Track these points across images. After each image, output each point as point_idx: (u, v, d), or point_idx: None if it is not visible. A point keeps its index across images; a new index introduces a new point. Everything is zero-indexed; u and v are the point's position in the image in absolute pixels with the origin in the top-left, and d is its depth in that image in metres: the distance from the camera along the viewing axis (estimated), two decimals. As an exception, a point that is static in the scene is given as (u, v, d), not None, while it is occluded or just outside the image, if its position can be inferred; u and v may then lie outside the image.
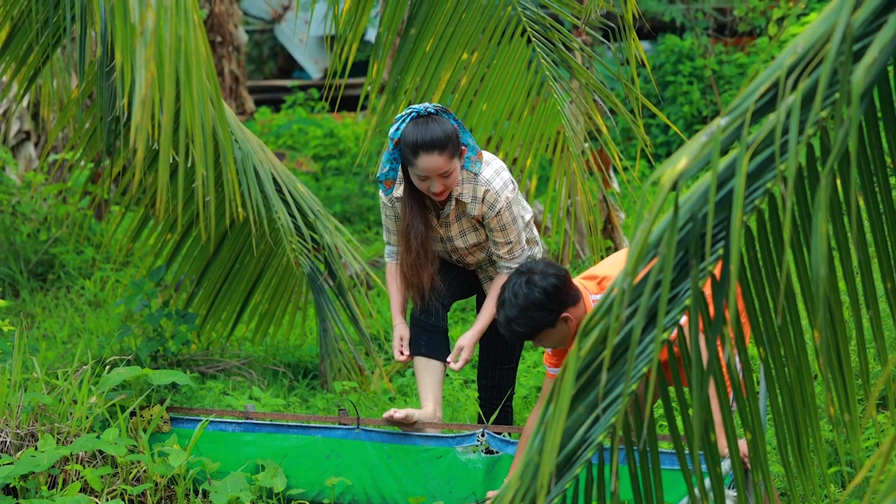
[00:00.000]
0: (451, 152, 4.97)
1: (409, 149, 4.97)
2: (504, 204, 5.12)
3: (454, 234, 5.24)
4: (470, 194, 5.13)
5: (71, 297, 8.54)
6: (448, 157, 4.96)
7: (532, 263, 4.55)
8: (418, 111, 5.02)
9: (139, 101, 3.27)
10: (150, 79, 3.30)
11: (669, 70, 11.65)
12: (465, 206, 5.16)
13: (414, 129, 4.97)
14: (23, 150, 10.06)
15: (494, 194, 5.11)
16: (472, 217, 5.19)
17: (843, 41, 2.31)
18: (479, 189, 5.12)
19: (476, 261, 5.41)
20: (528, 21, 6.27)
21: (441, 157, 4.95)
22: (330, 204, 10.81)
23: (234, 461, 5.33)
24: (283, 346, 7.42)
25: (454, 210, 5.19)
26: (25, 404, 5.31)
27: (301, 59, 17.49)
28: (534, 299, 4.46)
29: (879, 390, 2.38)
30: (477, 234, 5.25)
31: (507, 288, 4.51)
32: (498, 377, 5.51)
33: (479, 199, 5.12)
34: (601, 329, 2.48)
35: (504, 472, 5.12)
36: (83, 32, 5.60)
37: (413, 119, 5.01)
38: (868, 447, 5.18)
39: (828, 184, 2.29)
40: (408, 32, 6.33)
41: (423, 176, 5.01)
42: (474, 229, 5.24)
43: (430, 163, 4.95)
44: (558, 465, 2.59)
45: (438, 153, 4.94)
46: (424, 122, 4.98)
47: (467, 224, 5.23)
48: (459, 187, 5.13)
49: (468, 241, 5.27)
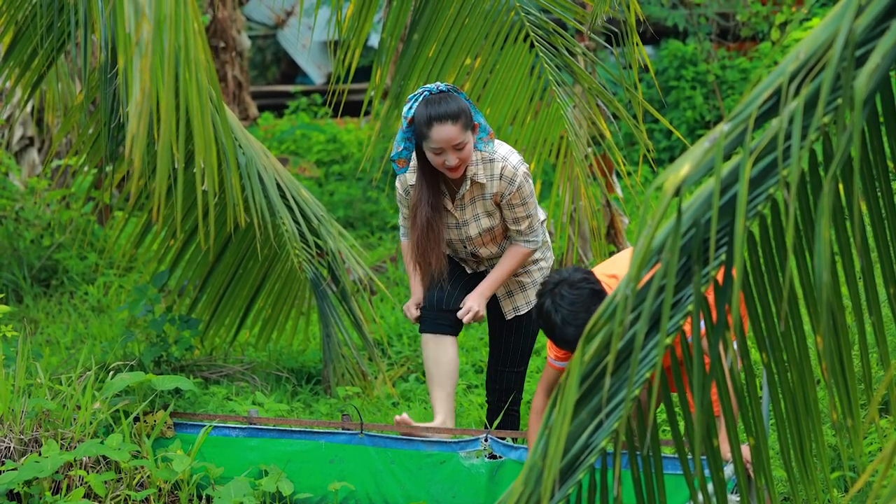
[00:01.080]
0: (464, 123, 5.05)
1: (423, 123, 5.05)
2: (522, 178, 5.20)
3: (469, 218, 5.29)
4: (486, 173, 5.19)
5: (74, 302, 8.55)
6: (461, 127, 5.04)
7: (558, 273, 4.51)
8: (430, 90, 5.11)
9: (135, 111, 3.28)
10: (145, 89, 3.30)
11: (672, 75, 11.65)
12: (483, 186, 5.22)
13: (427, 105, 5.06)
14: (26, 156, 10.06)
15: (513, 168, 5.18)
16: (490, 199, 5.24)
17: (846, 47, 2.31)
18: (497, 166, 5.19)
19: (489, 254, 5.44)
20: (532, 26, 6.28)
21: (454, 128, 5.02)
22: (333, 209, 10.81)
23: (237, 466, 5.33)
24: (287, 351, 7.42)
25: (469, 192, 5.24)
26: (29, 410, 5.32)
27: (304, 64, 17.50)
28: (586, 296, 4.40)
29: (882, 395, 2.38)
30: (490, 218, 5.29)
31: (548, 299, 4.42)
32: (507, 380, 5.53)
33: (497, 176, 5.19)
34: (604, 334, 2.48)
35: (507, 477, 5.12)
36: (86, 38, 5.61)
37: (426, 98, 5.09)
38: (871, 452, 5.18)
39: (831, 190, 2.29)
40: (411, 38, 6.34)
41: (437, 149, 5.07)
42: (488, 214, 5.29)
43: (444, 133, 5.02)
44: (561, 471, 2.60)
45: (452, 123, 5.02)
46: (437, 98, 5.08)
47: (482, 208, 5.28)
48: (474, 167, 5.19)
49: (481, 227, 5.30)
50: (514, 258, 5.35)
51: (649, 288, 2.45)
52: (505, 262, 5.35)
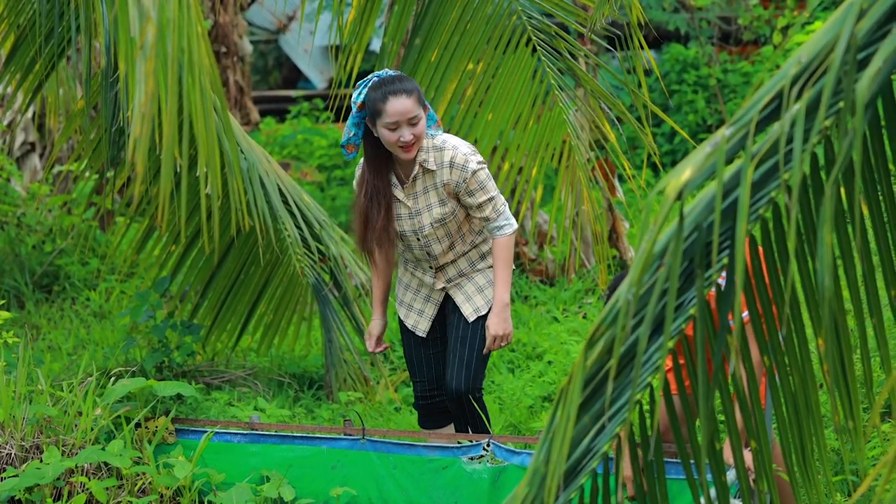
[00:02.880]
0: (418, 98, 5.07)
1: (378, 99, 5.04)
2: (476, 165, 5.13)
3: (422, 207, 5.19)
4: (436, 161, 5.14)
5: (76, 308, 8.55)
6: (416, 101, 5.05)
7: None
8: (380, 75, 5.13)
9: (139, 115, 3.27)
10: (149, 92, 3.30)
11: (674, 79, 11.66)
12: (433, 174, 5.14)
13: (381, 84, 5.07)
14: (28, 162, 10.07)
15: (463, 156, 5.13)
16: (442, 188, 5.15)
17: (847, 51, 2.31)
18: (447, 154, 5.13)
19: (442, 252, 5.27)
20: (534, 30, 6.27)
21: (409, 100, 5.03)
22: (335, 214, 10.81)
23: (239, 472, 5.33)
24: (289, 356, 7.42)
25: (421, 180, 5.17)
26: (30, 416, 5.32)
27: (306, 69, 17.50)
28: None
29: (884, 399, 2.37)
30: (443, 207, 5.18)
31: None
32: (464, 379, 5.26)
33: (447, 164, 5.13)
34: (607, 339, 2.47)
35: (510, 482, 5.11)
36: (88, 43, 5.61)
37: (376, 80, 5.10)
38: (873, 456, 5.17)
39: (833, 194, 2.29)
40: (413, 42, 6.34)
41: (392, 124, 5.04)
42: (440, 202, 5.18)
43: (401, 105, 5.02)
44: (564, 475, 2.59)
45: (407, 96, 5.03)
46: (390, 78, 5.10)
47: (434, 197, 5.18)
48: (424, 153, 5.14)
49: (433, 216, 5.18)
50: (503, 252, 5.20)
51: (652, 292, 2.44)
52: (500, 263, 5.20)
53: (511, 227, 5.21)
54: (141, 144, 3.29)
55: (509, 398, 6.59)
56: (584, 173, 6.34)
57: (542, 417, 6.32)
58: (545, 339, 7.33)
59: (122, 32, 3.59)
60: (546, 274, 8.63)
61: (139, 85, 3.31)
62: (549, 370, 6.88)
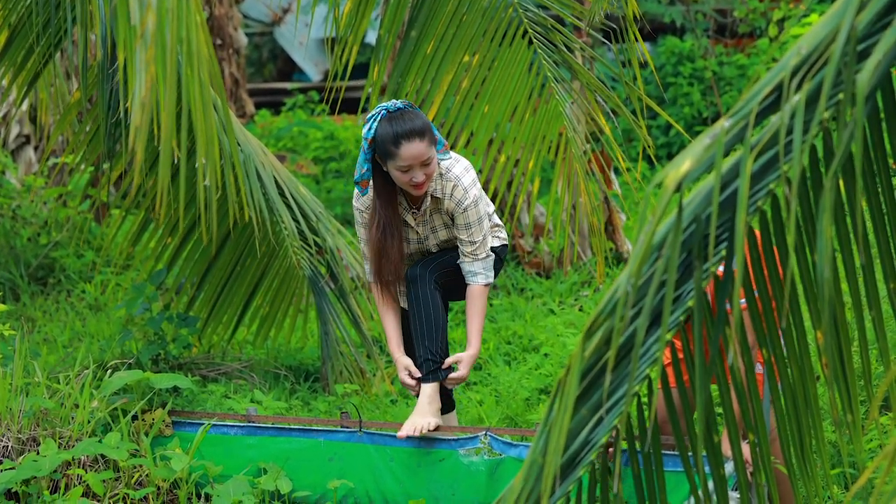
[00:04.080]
0: (430, 139, 4.98)
1: (389, 141, 4.94)
2: (471, 202, 5.11)
3: (429, 231, 5.23)
4: (443, 190, 5.12)
5: (71, 300, 8.54)
6: (429, 143, 4.97)
7: None
8: (388, 108, 5.02)
9: (139, 104, 3.26)
10: (150, 81, 3.29)
11: (670, 71, 11.65)
12: (439, 200, 5.14)
13: (391, 123, 4.96)
14: (23, 154, 10.05)
15: (463, 191, 5.10)
16: (445, 213, 5.18)
17: (848, 42, 2.31)
18: (449, 185, 5.12)
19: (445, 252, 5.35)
20: (530, 22, 6.26)
21: (423, 143, 4.94)
22: (331, 206, 10.80)
23: (236, 465, 5.33)
24: (285, 348, 7.42)
25: (430, 206, 5.17)
26: (27, 409, 5.31)
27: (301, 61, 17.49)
28: None
29: (883, 392, 2.37)
30: (448, 230, 5.23)
31: None
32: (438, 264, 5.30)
33: (449, 195, 5.12)
34: (605, 330, 2.47)
35: (507, 474, 5.11)
36: (85, 36, 5.60)
37: (386, 116, 5.00)
38: (871, 449, 5.18)
39: (832, 186, 2.29)
40: (408, 35, 6.32)
41: (405, 167, 4.96)
42: (445, 226, 5.22)
43: (414, 150, 4.93)
44: (561, 467, 2.59)
45: (419, 140, 4.93)
46: (400, 115, 4.98)
47: (439, 220, 5.21)
48: (434, 182, 5.12)
49: (439, 238, 5.24)
50: (476, 303, 5.19)
51: (650, 284, 2.44)
52: (474, 316, 5.18)
53: (487, 279, 5.19)
54: (141, 133, 3.28)
55: (506, 390, 6.59)
56: (581, 165, 6.33)
57: (539, 410, 6.32)
58: (541, 332, 7.34)
59: (121, 21, 3.57)
60: (542, 266, 8.63)
61: (139, 74, 3.30)
62: (545, 363, 6.88)
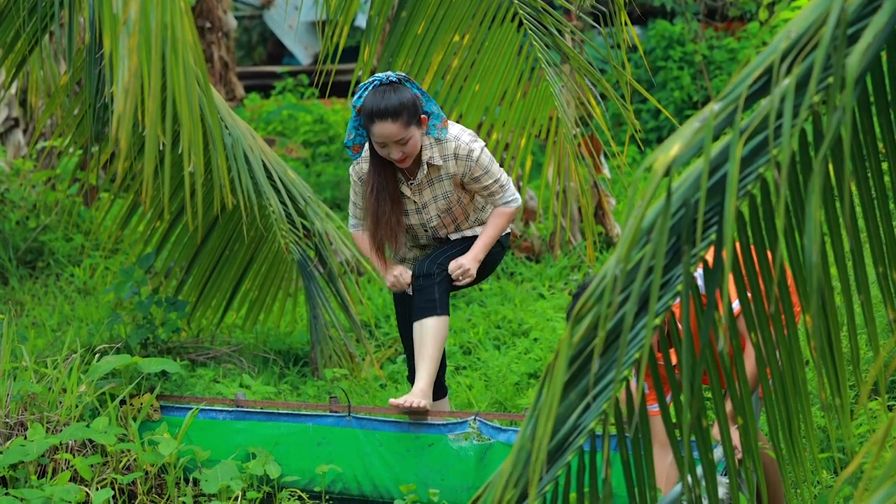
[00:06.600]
0: (405, 120, 5.07)
1: (365, 116, 5.10)
2: (479, 150, 5.20)
3: (428, 200, 5.31)
4: (440, 155, 5.21)
5: (60, 284, 8.51)
6: (402, 124, 5.06)
7: None
8: (380, 79, 5.12)
9: (122, 91, 3.24)
10: (133, 68, 3.27)
11: (660, 55, 11.62)
12: (438, 168, 5.24)
13: (372, 98, 5.08)
14: (11, 138, 10.02)
15: (466, 145, 5.20)
16: (449, 179, 5.25)
17: (838, 25, 2.29)
18: (450, 146, 5.20)
19: (450, 233, 5.43)
20: (520, 4, 6.24)
21: (394, 125, 5.05)
22: (320, 190, 10.78)
23: (224, 449, 5.32)
24: (274, 333, 7.40)
25: (426, 176, 5.25)
26: (14, 393, 5.29)
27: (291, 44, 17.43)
28: None
29: (873, 377, 2.37)
30: (448, 199, 5.29)
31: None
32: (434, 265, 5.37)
33: (452, 156, 5.21)
34: (593, 315, 2.46)
35: (496, 459, 5.11)
36: (71, 19, 5.57)
37: (374, 87, 5.11)
38: (860, 434, 5.18)
39: (821, 171, 2.27)
40: (399, 15, 6.30)
41: (379, 143, 5.11)
42: (445, 196, 5.29)
43: (385, 130, 5.06)
44: (550, 452, 2.58)
45: (392, 121, 5.05)
46: (383, 91, 5.09)
47: (440, 189, 5.29)
48: (428, 151, 5.20)
49: (440, 208, 5.32)
50: (499, 219, 5.34)
51: (638, 269, 2.43)
52: (491, 225, 5.34)
53: (516, 202, 5.34)
54: (124, 120, 3.26)
55: (495, 375, 6.59)
56: (572, 147, 6.32)
57: (529, 394, 6.31)
58: (531, 316, 7.33)
59: (105, 8, 3.55)
60: (532, 250, 8.62)
61: (122, 61, 3.28)
62: (535, 347, 6.88)
